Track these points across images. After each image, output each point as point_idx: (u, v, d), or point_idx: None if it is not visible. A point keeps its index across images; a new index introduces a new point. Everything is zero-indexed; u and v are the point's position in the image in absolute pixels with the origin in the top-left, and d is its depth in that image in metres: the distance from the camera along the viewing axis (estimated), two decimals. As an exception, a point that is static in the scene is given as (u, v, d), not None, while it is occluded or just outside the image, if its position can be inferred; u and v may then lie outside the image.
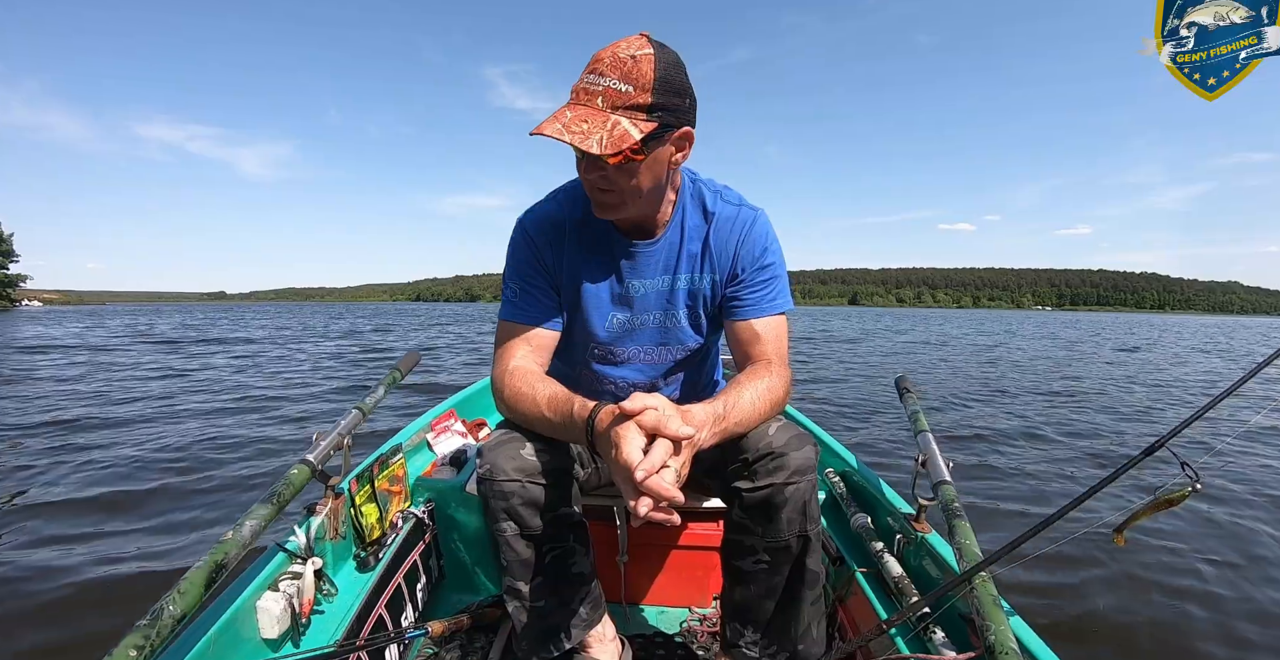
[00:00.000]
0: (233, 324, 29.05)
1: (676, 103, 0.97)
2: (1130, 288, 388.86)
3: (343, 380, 8.42)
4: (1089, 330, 30.22)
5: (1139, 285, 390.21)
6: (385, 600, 1.35)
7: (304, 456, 1.28)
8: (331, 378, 8.73)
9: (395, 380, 1.76)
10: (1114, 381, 9.51)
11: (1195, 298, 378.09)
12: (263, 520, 1.08)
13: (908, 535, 1.36)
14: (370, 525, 1.42)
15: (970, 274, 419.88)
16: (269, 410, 5.94)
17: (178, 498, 3.22)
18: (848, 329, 28.39)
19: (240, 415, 5.64)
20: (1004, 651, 0.81)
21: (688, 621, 1.54)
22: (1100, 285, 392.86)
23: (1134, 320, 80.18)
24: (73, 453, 4.10)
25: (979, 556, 1.03)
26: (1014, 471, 4.01)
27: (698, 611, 1.57)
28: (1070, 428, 5.56)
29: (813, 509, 1.07)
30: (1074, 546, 2.61)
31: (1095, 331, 29.52)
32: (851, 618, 1.38)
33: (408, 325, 29.20)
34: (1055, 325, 37.39)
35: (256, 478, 3.55)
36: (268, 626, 1.07)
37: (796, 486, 1.03)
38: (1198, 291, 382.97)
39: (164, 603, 0.84)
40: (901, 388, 1.82)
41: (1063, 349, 16.65)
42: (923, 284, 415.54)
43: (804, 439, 1.06)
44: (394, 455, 1.60)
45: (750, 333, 1.16)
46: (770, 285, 1.18)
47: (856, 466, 1.71)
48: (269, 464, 3.86)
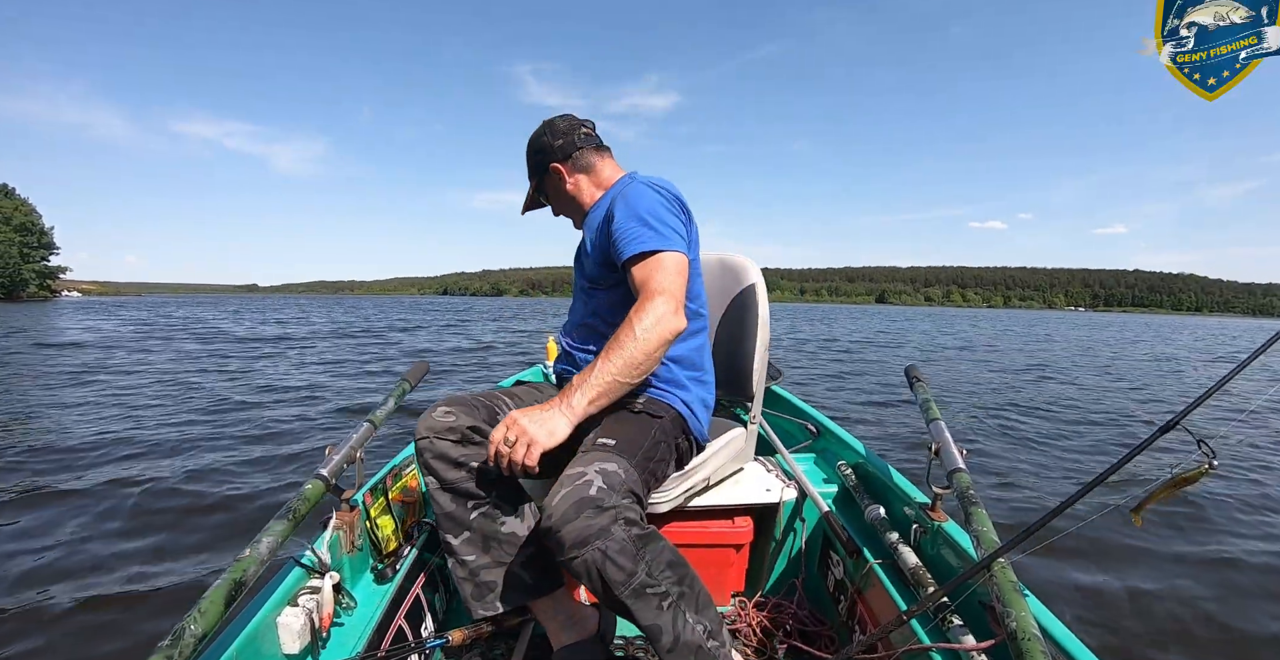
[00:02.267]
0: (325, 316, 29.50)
1: (538, 159, 1.47)
2: (1167, 289, 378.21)
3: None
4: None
5: (1176, 286, 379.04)
6: (404, 611, 1.36)
7: (318, 471, 1.29)
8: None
9: (405, 391, 1.76)
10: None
11: (1235, 300, 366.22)
12: (279, 536, 1.08)
13: (924, 524, 1.36)
14: (386, 537, 1.43)
15: (1001, 273, 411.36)
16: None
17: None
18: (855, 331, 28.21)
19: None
20: (1026, 637, 0.81)
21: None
22: (1136, 286, 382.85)
23: (1156, 321, 77.80)
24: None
25: (996, 543, 1.02)
26: (1029, 458, 3.98)
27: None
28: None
29: (613, 571, 0.97)
30: (1092, 529, 2.60)
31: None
32: (870, 609, 1.38)
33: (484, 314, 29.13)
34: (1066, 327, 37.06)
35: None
36: (289, 642, 1.07)
37: (581, 559, 0.97)
38: (1237, 293, 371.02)
39: (185, 622, 0.85)
40: (912, 377, 1.81)
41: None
42: (952, 283, 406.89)
43: (591, 502, 0.98)
44: (407, 466, 1.60)
45: (627, 272, 1.27)
46: (630, 227, 1.27)
47: (867, 457, 1.71)
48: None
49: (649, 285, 1.19)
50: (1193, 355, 15.11)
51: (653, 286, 1.18)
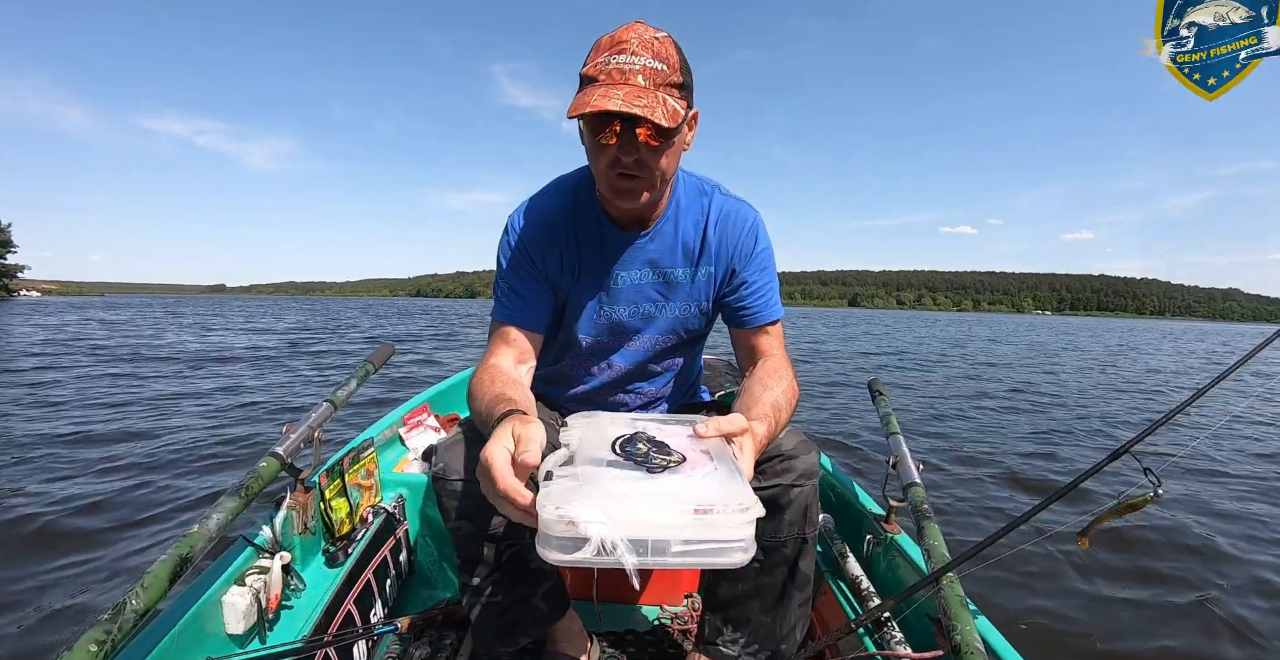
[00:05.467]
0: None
1: (691, 84, 0.99)
2: (1131, 293, 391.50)
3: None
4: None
5: (1140, 290, 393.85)
6: (354, 596, 1.34)
7: (273, 449, 1.26)
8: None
9: (368, 373, 1.73)
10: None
11: (1195, 304, 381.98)
12: (230, 513, 1.05)
13: (877, 536, 1.39)
14: (340, 520, 1.40)
15: (971, 277, 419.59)
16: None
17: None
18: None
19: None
20: (969, 651, 0.83)
21: (659, 619, 1.54)
22: (1101, 290, 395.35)
23: (1121, 326, 77.63)
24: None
25: (947, 558, 1.05)
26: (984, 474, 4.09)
27: (669, 609, 1.58)
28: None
29: (813, 513, 1.09)
30: (1039, 549, 2.68)
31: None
32: (821, 617, 1.40)
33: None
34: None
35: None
36: (233, 622, 1.05)
37: (801, 489, 1.05)
38: (1198, 298, 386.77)
39: (127, 597, 0.82)
40: (874, 390, 1.84)
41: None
42: (924, 287, 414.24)
43: (810, 445, 1.09)
44: (365, 449, 1.57)
45: (763, 335, 1.20)
46: (771, 290, 1.21)
47: (829, 468, 1.73)
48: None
49: (784, 350, 1.20)
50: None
51: (785, 354, 1.19)
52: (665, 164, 1.00)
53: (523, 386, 1.04)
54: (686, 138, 1.04)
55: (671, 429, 0.80)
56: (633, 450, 0.70)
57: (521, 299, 1.15)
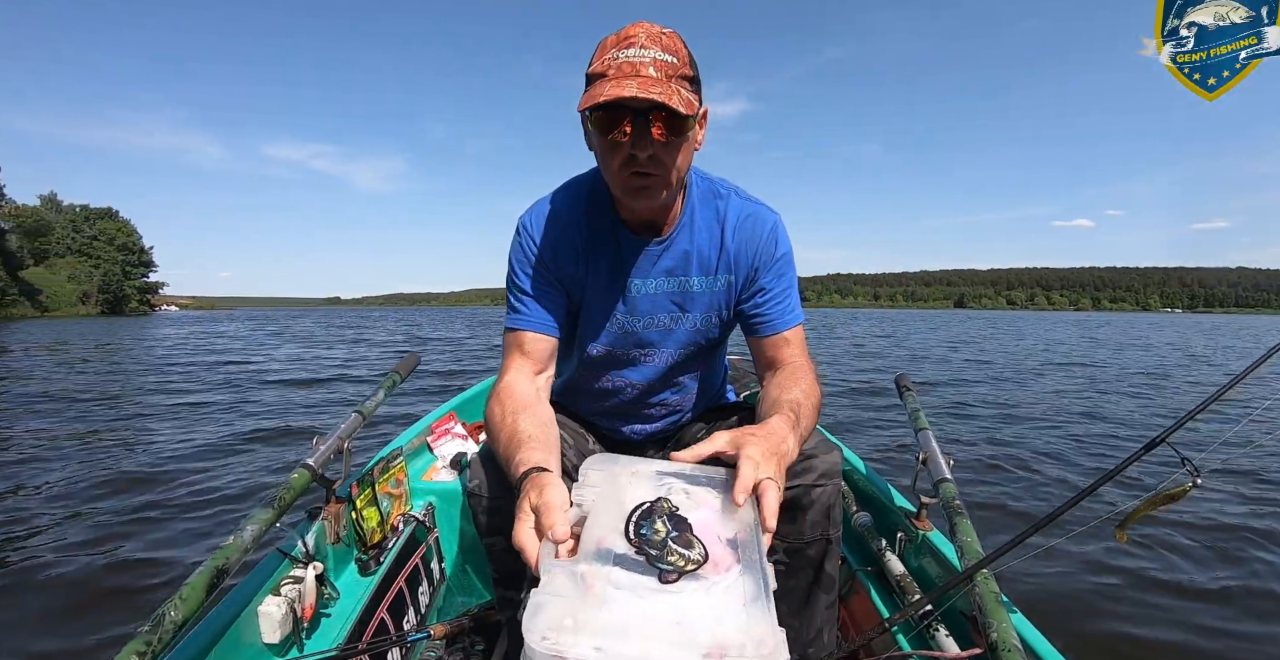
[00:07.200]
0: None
1: (700, 80, 0.97)
2: (1274, 287, 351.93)
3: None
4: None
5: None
6: (387, 604, 1.35)
7: (304, 461, 1.28)
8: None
9: (395, 383, 1.76)
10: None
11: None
12: (263, 525, 1.08)
13: (909, 533, 1.36)
14: (371, 529, 1.42)
15: (1089, 274, 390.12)
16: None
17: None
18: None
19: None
20: (1006, 649, 0.81)
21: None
22: (1239, 284, 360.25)
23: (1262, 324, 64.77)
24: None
25: (980, 554, 1.03)
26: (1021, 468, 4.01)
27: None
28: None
29: (836, 513, 1.07)
30: (1076, 543, 2.61)
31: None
32: (854, 616, 1.38)
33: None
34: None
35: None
36: (269, 631, 1.07)
37: (823, 489, 1.03)
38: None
39: (165, 608, 0.84)
40: (901, 386, 1.82)
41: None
42: (1036, 285, 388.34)
43: (830, 445, 1.06)
44: (394, 459, 1.59)
45: (781, 342, 1.15)
46: (791, 295, 1.18)
47: (858, 465, 1.71)
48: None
49: (808, 356, 1.16)
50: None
51: (807, 360, 1.14)
52: (680, 161, 0.98)
53: (539, 413, 1.00)
54: (698, 136, 1.03)
55: (701, 493, 0.71)
56: (648, 536, 0.63)
57: (536, 303, 1.13)
